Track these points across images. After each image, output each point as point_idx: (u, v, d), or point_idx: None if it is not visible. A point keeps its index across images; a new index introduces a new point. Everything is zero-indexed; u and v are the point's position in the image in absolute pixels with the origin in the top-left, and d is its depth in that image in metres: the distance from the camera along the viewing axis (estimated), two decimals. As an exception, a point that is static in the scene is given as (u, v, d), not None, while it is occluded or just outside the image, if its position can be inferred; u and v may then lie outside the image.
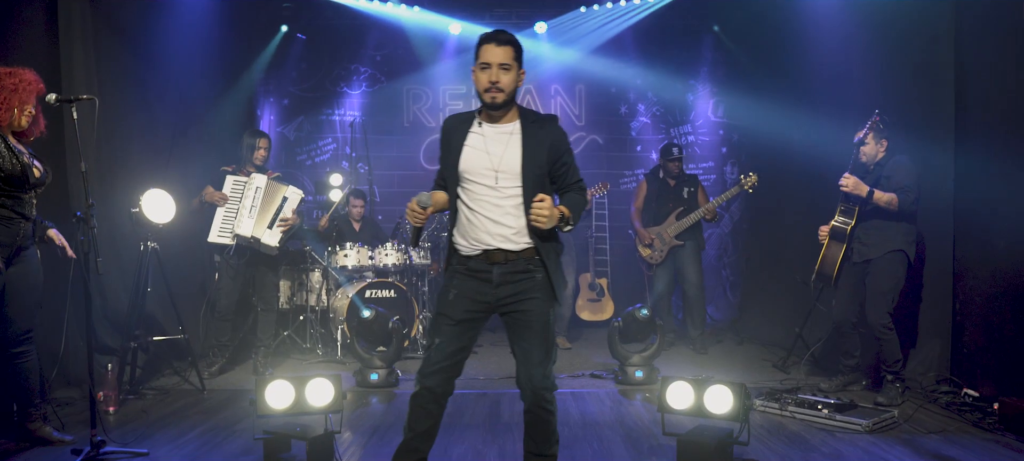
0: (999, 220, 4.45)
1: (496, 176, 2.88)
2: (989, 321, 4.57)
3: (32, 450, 3.73)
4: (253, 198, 5.49)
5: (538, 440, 2.99)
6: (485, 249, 2.91)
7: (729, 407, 3.48)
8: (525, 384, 2.93)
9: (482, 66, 2.85)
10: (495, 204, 2.89)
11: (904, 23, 5.20)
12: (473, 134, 2.93)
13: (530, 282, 2.92)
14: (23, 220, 3.65)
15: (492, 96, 2.84)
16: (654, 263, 6.53)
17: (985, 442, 3.85)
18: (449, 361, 2.91)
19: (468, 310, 2.92)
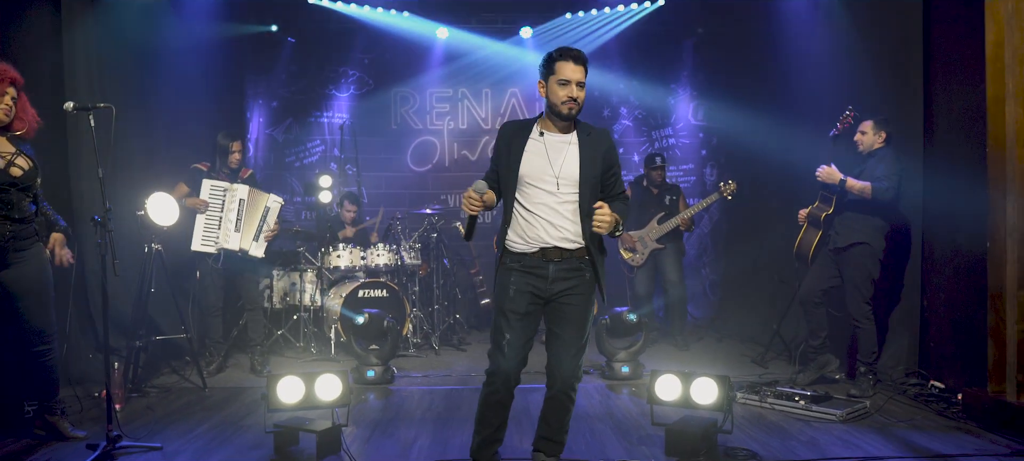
0: (963, 224, 4.73)
1: (557, 182, 3.13)
2: (953, 318, 4.86)
3: (49, 446, 3.87)
4: (238, 210, 5.58)
5: (554, 426, 3.30)
6: (542, 247, 3.15)
7: (714, 398, 3.73)
8: (556, 371, 3.22)
9: (561, 82, 3.10)
10: (553, 208, 3.15)
11: (876, 32, 5.49)
12: (533, 141, 3.19)
13: (579, 279, 3.19)
14: (8, 220, 3.66)
15: (570, 108, 3.12)
16: (636, 266, 6.77)
17: (949, 430, 4.12)
18: (522, 352, 3.19)
19: (530, 303, 3.18)
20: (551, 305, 3.22)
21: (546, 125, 3.22)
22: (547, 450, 3.32)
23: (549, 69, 3.15)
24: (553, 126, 3.21)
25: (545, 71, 3.17)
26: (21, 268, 3.74)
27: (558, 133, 3.20)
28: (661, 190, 6.78)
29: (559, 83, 3.11)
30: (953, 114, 4.85)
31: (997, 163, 4.18)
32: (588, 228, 3.14)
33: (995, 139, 4.18)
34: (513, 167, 3.18)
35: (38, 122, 3.89)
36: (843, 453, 3.71)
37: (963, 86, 4.69)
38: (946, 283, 4.95)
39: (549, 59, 3.16)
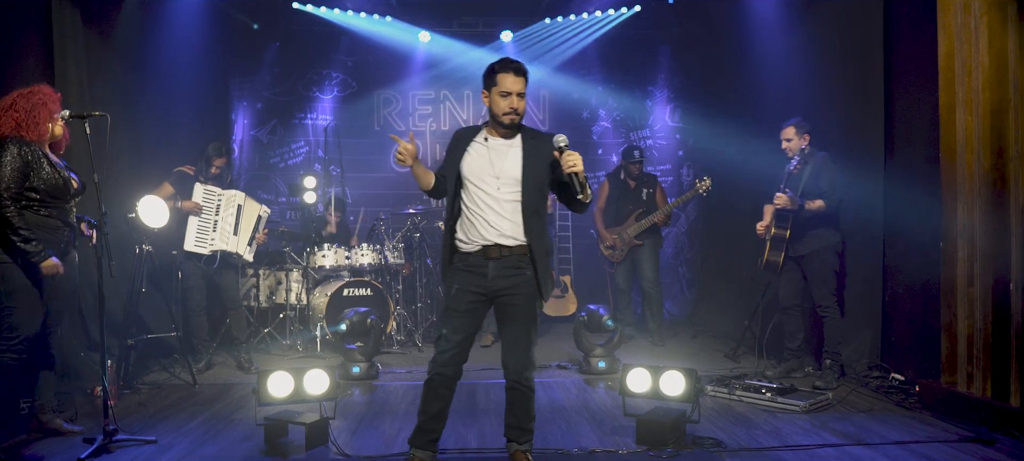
0: (920, 224, 4.97)
1: (497, 181, 3.31)
2: (912, 314, 5.12)
3: (45, 440, 4.01)
4: (236, 215, 5.80)
5: (519, 415, 3.44)
6: (483, 245, 3.32)
7: (682, 390, 3.95)
8: (508, 365, 3.40)
9: (503, 93, 3.29)
10: (492, 207, 3.32)
11: (840, 41, 5.74)
12: (477, 144, 3.39)
13: (520, 278, 3.34)
14: (66, 227, 3.97)
15: (511, 119, 3.32)
16: (615, 261, 6.99)
17: (904, 419, 4.37)
18: (458, 348, 3.38)
19: (471, 302, 3.35)
20: (496, 303, 3.39)
21: (491, 132, 3.41)
22: (518, 438, 3.48)
23: (491, 81, 3.32)
24: (496, 133, 3.39)
25: (487, 82, 3.35)
26: (65, 272, 3.94)
27: (501, 138, 3.39)
28: (639, 183, 6.98)
29: (501, 94, 3.29)
30: (912, 121, 5.10)
31: (949, 167, 4.43)
32: (533, 226, 3.30)
33: (947, 145, 4.43)
34: (456, 168, 3.36)
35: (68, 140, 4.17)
36: (803, 441, 3.94)
37: (920, 94, 4.94)
38: (905, 281, 5.20)
39: (491, 71, 3.33)
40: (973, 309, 4.30)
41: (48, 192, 3.82)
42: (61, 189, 3.87)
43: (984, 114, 4.15)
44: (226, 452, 3.84)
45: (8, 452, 3.80)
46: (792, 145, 5.29)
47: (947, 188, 4.46)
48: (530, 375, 3.41)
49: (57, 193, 3.86)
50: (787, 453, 3.75)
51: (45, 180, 3.80)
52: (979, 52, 4.16)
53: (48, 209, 3.85)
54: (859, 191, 5.41)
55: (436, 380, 3.39)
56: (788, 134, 5.31)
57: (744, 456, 3.72)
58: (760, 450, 3.80)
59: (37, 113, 3.82)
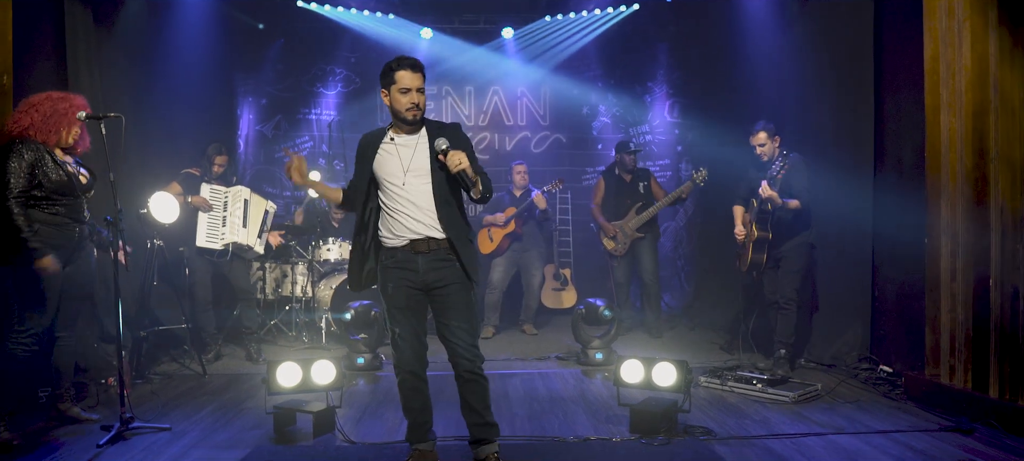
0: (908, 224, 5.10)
1: (404, 176, 3.36)
2: (900, 308, 5.27)
3: (63, 428, 4.19)
4: (243, 209, 5.97)
5: (480, 408, 3.44)
6: (411, 239, 3.37)
7: (674, 380, 4.12)
8: (456, 358, 3.41)
9: (403, 90, 3.32)
10: (409, 200, 3.36)
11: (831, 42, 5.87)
12: (384, 145, 3.43)
13: (450, 269, 3.39)
14: (77, 224, 4.10)
15: (413, 114, 3.35)
16: (617, 255, 7.14)
17: (890, 409, 4.53)
18: (415, 341, 3.47)
19: (409, 297, 3.42)
20: (431, 296, 3.43)
21: (396, 130, 3.44)
22: (487, 436, 3.46)
23: (390, 79, 3.33)
24: (401, 130, 3.43)
25: (386, 82, 3.36)
26: (79, 266, 4.12)
27: (406, 135, 3.42)
28: (634, 177, 7.13)
29: (401, 91, 3.31)
30: (900, 121, 5.24)
31: (934, 167, 4.58)
32: (445, 216, 3.35)
33: (932, 146, 4.58)
34: (368, 170, 3.41)
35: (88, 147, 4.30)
36: (790, 430, 4.10)
37: (908, 95, 5.07)
38: (894, 276, 5.35)
39: (388, 70, 3.34)
40: (955, 304, 4.45)
41: (54, 190, 3.95)
42: (67, 186, 3.99)
43: (967, 116, 4.29)
44: (237, 439, 4.01)
45: (29, 438, 3.97)
46: (767, 149, 5.47)
47: (932, 187, 4.61)
48: (481, 364, 3.42)
49: (63, 190, 3.99)
50: (774, 442, 3.91)
51: (50, 179, 3.92)
52: (962, 55, 4.30)
53: (55, 207, 3.97)
54: (850, 189, 5.56)
55: (408, 381, 3.48)
56: (761, 139, 5.47)
57: (733, 444, 3.88)
58: (748, 438, 3.96)
59: (56, 122, 3.98)
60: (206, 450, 3.84)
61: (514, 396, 4.92)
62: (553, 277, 8.17)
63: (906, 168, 5.14)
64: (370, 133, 3.54)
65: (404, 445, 3.74)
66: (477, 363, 3.42)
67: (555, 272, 8.18)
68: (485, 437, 3.47)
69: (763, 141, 5.47)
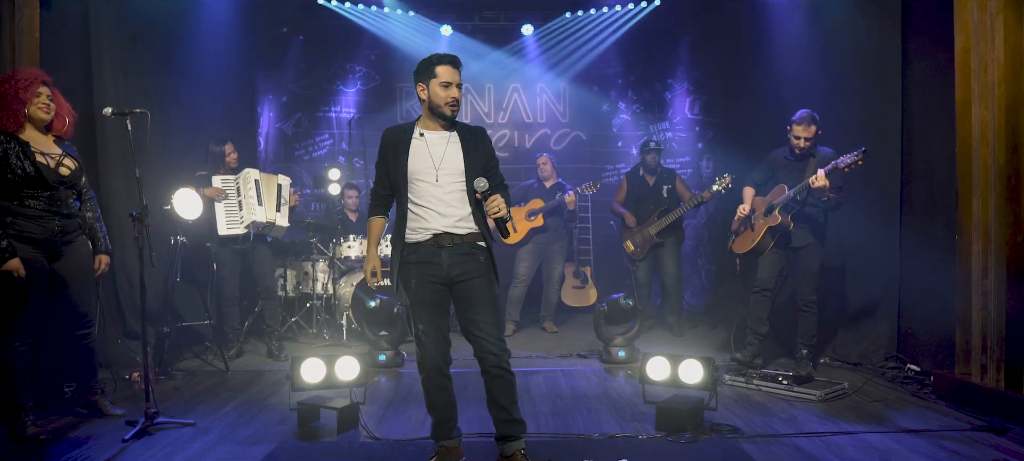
0: (936, 217, 5.06)
1: (437, 175, 3.37)
2: (928, 306, 5.18)
3: (90, 422, 4.20)
4: (256, 188, 5.95)
5: (507, 404, 3.40)
6: (434, 234, 3.38)
7: (700, 378, 4.07)
8: (483, 353, 3.38)
9: (443, 84, 3.37)
10: (439, 198, 3.37)
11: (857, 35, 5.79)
12: (415, 141, 3.43)
13: (475, 262, 3.41)
14: (58, 216, 3.97)
15: (453, 110, 3.40)
16: (636, 259, 7.09)
17: (919, 408, 4.46)
18: (439, 338, 3.43)
19: (434, 292, 3.40)
20: (454, 290, 3.42)
21: (426, 125, 3.46)
22: (514, 432, 3.42)
23: (429, 73, 3.37)
24: (433, 125, 3.45)
25: (425, 76, 3.39)
26: (68, 258, 4.05)
27: (438, 131, 3.45)
28: (657, 178, 7.05)
29: (442, 85, 3.35)
30: (928, 116, 5.16)
31: (965, 161, 4.50)
32: (475, 215, 3.40)
33: (963, 140, 4.50)
34: (402, 166, 3.39)
35: (73, 115, 4.17)
36: (819, 428, 4.04)
37: (937, 88, 5.00)
38: (922, 273, 5.27)
39: (428, 64, 3.37)
40: (987, 301, 4.38)
41: (22, 182, 3.81)
42: (34, 178, 3.84)
43: (1000, 109, 4.22)
44: (261, 434, 4.01)
45: (55, 433, 3.99)
46: (809, 138, 5.19)
47: (963, 182, 4.53)
48: (508, 359, 3.41)
49: (32, 182, 3.84)
50: (803, 440, 3.86)
51: (14, 171, 3.79)
52: (995, 48, 4.22)
53: (28, 200, 3.85)
54: (876, 185, 5.49)
55: (432, 378, 3.44)
56: (809, 133, 5.17)
57: (760, 442, 3.83)
58: (776, 437, 3.91)
59: (9, 102, 3.81)
60: (230, 446, 3.84)
61: (537, 393, 4.89)
62: (573, 275, 8.13)
63: (935, 163, 5.06)
64: (395, 128, 3.53)
65: (428, 442, 3.72)
66: (504, 358, 3.39)
67: (575, 270, 8.14)
68: (512, 434, 3.43)
69: (809, 132, 5.18)
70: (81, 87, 5.26)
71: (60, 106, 4.06)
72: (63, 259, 4.05)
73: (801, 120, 5.21)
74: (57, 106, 4.05)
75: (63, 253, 4.05)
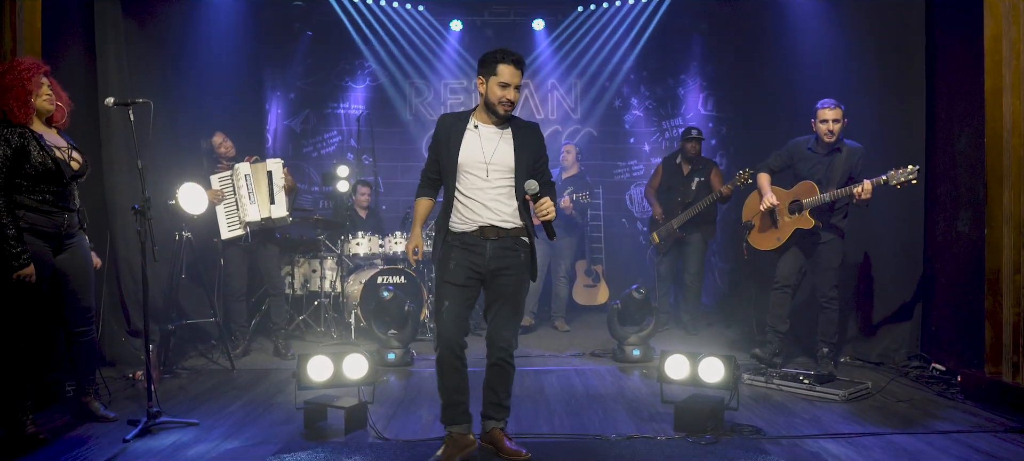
0: (963, 211, 4.89)
1: (487, 169, 3.40)
2: (954, 302, 5.03)
3: (89, 423, 4.08)
4: (247, 186, 5.78)
5: (500, 392, 3.52)
6: (481, 226, 3.41)
7: (721, 377, 3.92)
8: (495, 341, 3.48)
9: (502, 84, 3.37)
10: (487, 192, 3.42)
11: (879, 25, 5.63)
12: (469, 132, 3.47)
13: (515, 258, 3.46)
14: (66, 211, 3.88)
15: (506, 110, 3.41)
16: (661, 252, 6.92)
17: (947, 409, 4.30)
18: (460, 318, 3.44)
19: (469, 276, 3.43)
20: (490, 282, 3.46)
21: (481, 118, 3.49)
22: (496, 415, 3.54)
23: (491, 70, 3.39)
24: (488, 119, 3.47)
25: (486, 71, 3.41)
26: (72, 254, 3.95)
27: (492, 126, 3.47)
28: (693, 169, 6.80)
29: (500, 85, 3.36)
30: (954, 105, 5.00)
31: (995, 152, 4.34)
32: (520, 212, 3.45)
33: (993, 129, 4.34)
34: (453, 156, 3.42)
35: (70, 105, 4.04)
36: (844, 430, 3.89)
37: (963, 78, 4.84)
38: (947, 269, 5.11)
39: (492, 60, 3.39)
40: (1020, 297, 4.22)
41: (39, 177, 3.74)
42: (53, 173, 3.77)
43: (1032, 98, 4.06)
44: (267, 434, 3.89)
45: (55, 433, 3.88)
46: (838, 127, 4.91)
47: (992, 174, 4.37)
48: (512, 352, 3.51)
49: (50, 177, 3.77)
50: (828, 441, 3.71)
51: (35, 165, 3.71)
52: (1028, 34, 4.07)
53: (42, 194, 3.78)
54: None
55: (446, 357, 3.43)
56: (837, 115, 4.89)
57: (785, 444, 3.68)
58: (800, 438, 3.76)
59: (16, 92, 3.70)
60: (235, 445, 3.72)
61: (551, 393, 4.75)
62: (585, 273, 7.99)
63: (961, 154, 4.89)
64: (452, 115, 3.56)
65: (438, 443, 3.60)
66: (511, 350, 3.50)
67: (587, 268, 8.00)
68: (496, 416, 3.56)
69: (838, 117, 4.88)
70: (84, 80, 5.15)
71: (59, 97, 3.96)
72: (66, 254, 3.95)
73: (827, 105, 4.95)
74: (56, 96, 3.94)
75: (67, 248, 3.96)
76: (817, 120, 4.98)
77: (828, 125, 4.93)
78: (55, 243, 3.88)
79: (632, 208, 9.15)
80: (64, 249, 3.94)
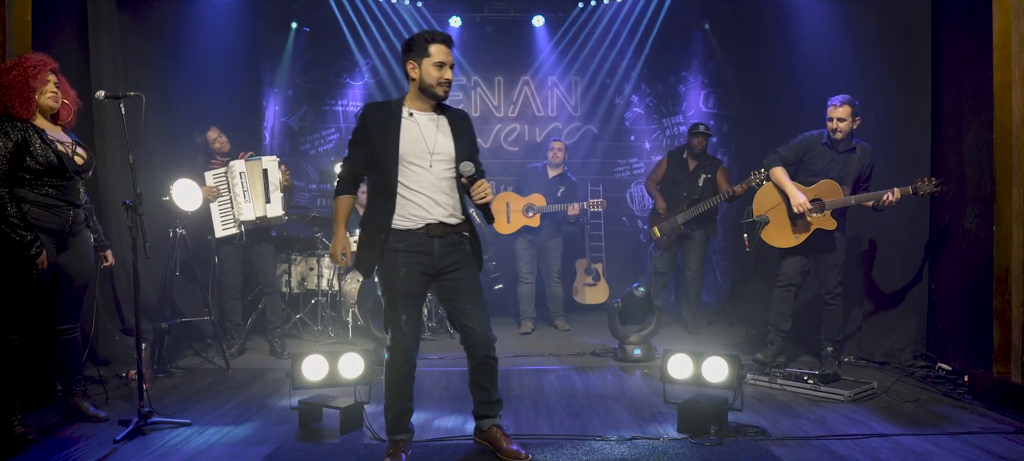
0: (970, 208, 4.81)
1: (431, 159, 3.25)
2: (960, 301, 4.94)
3: (79, 423, 4.00)
4: (241, 183, 5.66)
5: (489, 389, 3.44)
6: (427, 224, 3.26)
7: (725, 376, 3.84)
8: (474, 341, 3.37)
9: (437, 64, 3.21)
10: (433, 184, 3.26)
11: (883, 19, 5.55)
12: (406, 121, 3.27)
13: (462, 252, 3.35)
14: (70, 207, 3.84)
15: (445, 91, 3.27)
16: (662, 247, 6.81)
17: (955, 409, 4.21)
18: (418, 327, 3.37)
19: (421, 282, 3.30)
20: (440, 281, 3.33)
21: (414, 105, 3.30)
22: (492, 412, 3.47)
23: (422, 52, 3.21)
24: (422, 106, 3.30)
25: (417, 54, 3.22)
26: (75, 251, 3.89)
27: (429, 112, 3.31)
28: (698, 165, 6.70)
29: (435, 65, 3.21)
30: (961, 100, 4.91)
31: (1003, 148, 4.26)
32: (463, 203, 3.35)
33: (1001, 125, 4.26)
34: (392, 147, 3.21)
35: (78, 103, 4.01)
36: (851, 430, 3.81)
37: (971, 72, 4.76)
38: (953, 266, 5.03)
39: (422, 41, 3.22)
40: (1029, 296, 4.14)
41: (43, 171, 3.69)
42: (56, 167, 3.72)
43: (1043, 92, 3.98)
44: (261, 435, 3.81)
45: (45, 433, 3.80)
46: (845, 126, 4.81)
47: (1001, 170, 4.29)
48: (494, 346, 3.41)
49: (53, 171, 3.72)
50: (835, 442, 3.63)
51: (37, 159, 3.66)
52: (1038, 27, 3.99)
53: (46, 187, 3.72)
54: (904, 173, 5.22)
55: (405, 369, 3.32)
56: (843, 114, 4.80)
57: (790, 445, 3.60)
58: (806, 439, 3.68)
59: (20, 89, 3.66)
60: (228, 446, 3.64)
61: (551, 393, 4.67)
62: (585, 272, 7.91)
63: (969, 150, 4.81)
64: (377, 105, 3.35)
65: (436, 444, 3.54)
66: (492, 346, 3.41)
67: (587, 267, 7.92)
68: (490, 413, 3.48)
69: (844, 116, 4.78)
70: (77, 74, 5.03)
71: (66, 94, 3.92)
72: (68, 251, 3.89)
73: (833, 102, 4.85)
74: (64, 94, 3.91)
75: (69, 245, 3.89)
76: (830, 116, 4.87)
77: (833, 123, 4.83)
78: (59, 240, 3.81)
79: (632, 206, 9.06)
80: (66, 247, 3.87)
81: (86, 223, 4.00)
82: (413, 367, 3.36)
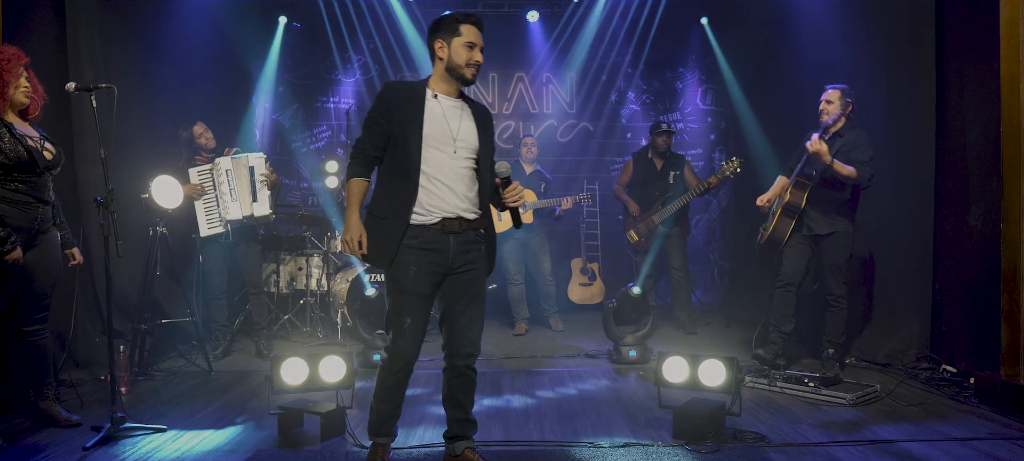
0: (975, 205, 4.66)
1: (455, 146, 3.04)
2: (966, 301, 4.79)
3: (48, 429, 3.83)
4: (227, 181, 5.51)
5: (466, 405, 3.20)
6: (444, 217, 3.03)
7: (722, 380, 3.68)
8: (461, 347, 3.10)
9: (468, 44, 3.02)
10: (455, 172, 3.04)
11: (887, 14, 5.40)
12: (430, 102, 3.06)
13: (476, 252, 3.13)
14: (40, 204, 3.71)
15: (474, 72, 3.07)
16: (640, 250, 6.69)
17: (961, 413, 4.06)
18: (421, 333, 3.10)
19: (433, 283, 3.06)
20: (450, 280, 3.10)
21: (440, 88, 3.11)
22: (466, 433, 3.23)
23: (453, 31, 3.03)
24: (447, 90, 3.11)
25: (447, 34, 3.04)
26: (41, 249, 3.75)
27: (454, 98, 3.12)
28: (666, 163, 6.65)
29: (466, 45, 3.02)
30: (965, 94, 4.76)
31: (1011, 143, 4.11)
32: (485, 198, 3.14)
33: (1009, 119, 4.11)
34: (416, 129, 3.00)
35: (45, 98, 3.88)
36: (854, 436, 3.66)
37: (976, 66, 4.61)
38: (958, 265, 4.88)
39: (453, 21, 3.04)
40: (1038, 296, 3.98)
41: (12, 167, 3.57)
42: (26, 162, 3.61)
43: (1052, 84, 3.83)
44: (239, 442, 3.64)
45: (11, 438, 3.64)
46: (832, 108, 4.80)
47: (1008, 165, 4.14)
48: (475, 359, 3.16)
49: (23, 167, 3.60)
50: (837, 449, 3.47)
51: (7, 154, 3.54)
52: (1047, 17, 3.83)
53: (15, 184, 3.60)
54: (907, 170, 5.10)
55: (401, 376, 3.12)
56: (831, 97, 4.82)
57: (790, 452, 3.44)
58: (807, 445, 3.52)
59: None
60: (202, 454, 3.47)
61: (542, 396, 4.51)
62: (580, 271, 7.76)
63: (974, 146, 4.65)
64: (401, 83, 3.12)
65: (421, 451, 3.38)
66: (475, 358, 3.16)
67: (582, 266, 7.77)
68: (464, 434, 3.23)
69: (832, 98, 4.80)
70: (54, 67, 4.89)
71: (35, 89, 3.80)
72: (37, 249, 3.74)
73: (829, 88, 4.88)
74: (32, 89, 3.78)
75: (38, 243, 3.74)
76: None
77: (821, 106, 4.88)
78: (27, 237, 3.67)
79: (629, 204, 8.90)
80: (34, 245, 3.72)
81: (54, 221, 3.86)
82: (409, 374, 3.14)
